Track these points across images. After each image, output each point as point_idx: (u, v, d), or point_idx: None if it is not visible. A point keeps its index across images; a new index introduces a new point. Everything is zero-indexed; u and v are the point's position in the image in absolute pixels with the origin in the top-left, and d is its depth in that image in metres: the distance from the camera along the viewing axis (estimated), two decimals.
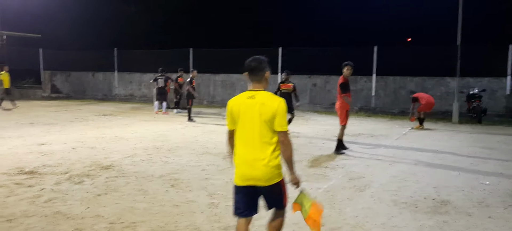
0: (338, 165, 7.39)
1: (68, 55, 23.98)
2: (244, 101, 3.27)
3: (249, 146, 3.25)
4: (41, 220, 4.51)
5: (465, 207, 5.19)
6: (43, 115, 14.70)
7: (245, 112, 3.25)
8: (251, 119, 3.22)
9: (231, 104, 3.34)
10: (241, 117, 3.27)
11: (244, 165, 3.26)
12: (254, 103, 3.22)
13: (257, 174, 3.22)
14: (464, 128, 12.72)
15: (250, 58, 3.41)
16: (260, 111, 3.19)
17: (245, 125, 3.26)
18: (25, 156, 7.73)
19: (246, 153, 3.26)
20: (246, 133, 3.26)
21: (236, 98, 3.35)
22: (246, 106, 3.25)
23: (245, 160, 3.26)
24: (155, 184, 5.98)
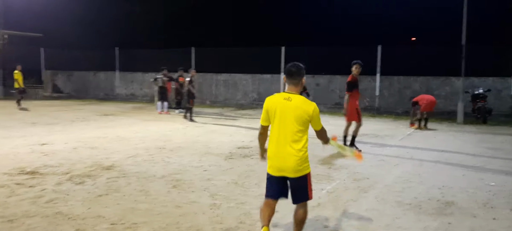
0: (342, 166, 7.33)
1: (70, 54, 24.01)
2: (281, 101, 3.67)
3: (283, 142, 3.65)
4: (42, 220, 4.47)
5: (470, 208, 5.12)
6: (45, 115, 14.69)
7: (281, 112, 3.65)
8: (285, 119, 3.64)
9: (269, 103, 3.74)
10: (277, 116, 3.67)
11: (278, 158, 3.68)
12: (290, 105, 3.63)
13: (289, 166, 3.65)
14: (469, 128, 12.64)
15: (290, 63, 3.79)
16: (295, 113, 3.61)
17: (280, 123, 3.66)
18: (27, 156, 7.70)
19: (280, 148, 3.67)
20: (281, 130, 3.67)
21: (273, 98, 3.75)
22: (282, 107, 3.65)
23: (279, 153, 3.67)
24: (157, 184, 5.93)
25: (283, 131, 3.65)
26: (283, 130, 3.65)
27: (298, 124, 3.62)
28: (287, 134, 3.64)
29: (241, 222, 4.51)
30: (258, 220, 4.57)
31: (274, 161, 3.72)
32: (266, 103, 3.76)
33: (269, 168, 3.79)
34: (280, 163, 3.69)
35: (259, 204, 5.07)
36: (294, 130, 3.63)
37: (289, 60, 16.43)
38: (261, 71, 19.26)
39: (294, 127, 3.62)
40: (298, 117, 3.61)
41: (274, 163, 3.73)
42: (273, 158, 3.73)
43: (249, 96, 19.63)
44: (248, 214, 4.76)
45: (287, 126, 3.63)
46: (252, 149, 8.72)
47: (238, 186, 5.91)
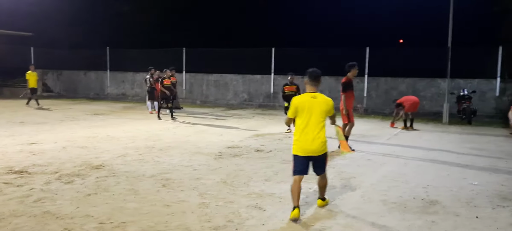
0: (329, 165, 7.36)
1: (60, 53, 23.81)
2: (309, 100, 4.75)
3: (311, 130, 4.70)
4: (30, 220, 4.48)
5: (454, 207, 5.25)
6: (34, 114, 14.58)
7: (309, 107, 4.72)
8: (313, 112, 4.72)
9: (299, 102, 4.78)
10: (305, 110, 4.72)
11: (306, 142, 4.71)
12: (316, 102, 4.75)
13: (314, 148, 4.72)
14: (454, 129, 12.84)
15: (311, 69, 4.86)
16: (320, 108, 4.75)
17: (309, 116, 4.71)
18: (15, 155, 7.68)
19: (308, 135, 4.71)
20: (309, 121, 4.71)
21: (301, 97, 4.84)
22: (310, 103, 4.73)
23: (307, 139, 4.71)
24: (146, 183, 5.96)
25: (310, 122, 4.70)
26: (310, 121, 4.70)
27: (322, 116, 4.75)
28: (313, 124, 4.70)
29: (229, 221, 4.57)
30: (246, 219, 4.64)
31: (303, 144, 4.72)
32: (295, 102, 4.79)
33: (297, 150, 4.76)
34: (308, 146, 4.71)
35: (247, 203, 5.16)
36: (319, 120, 4.73)
37: (279, 61, 16.49)
38: (251, 72, 19.32)
39: (320, 118, 4.73)
40: (323, 110, 4.75)
41: (303, 146, 4.72)
42: (302, 142, 4.72)
43: (240, 96, 19.69)
44: (236, 213, 4.82)
45: (314, 118, 4.71)
46: (241, 149, 8.78)
47: (227, 185, 5.97)
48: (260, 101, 19.13)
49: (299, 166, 4.79)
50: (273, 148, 8.93)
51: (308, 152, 4.73)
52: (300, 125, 4.75)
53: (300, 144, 4.75)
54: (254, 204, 5.14)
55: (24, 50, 23.57)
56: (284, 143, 9.62)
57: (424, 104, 16.04)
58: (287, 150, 8.74)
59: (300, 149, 4.75)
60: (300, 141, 4.75)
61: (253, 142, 9.68)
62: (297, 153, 4.78)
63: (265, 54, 18.83)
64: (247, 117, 15.26)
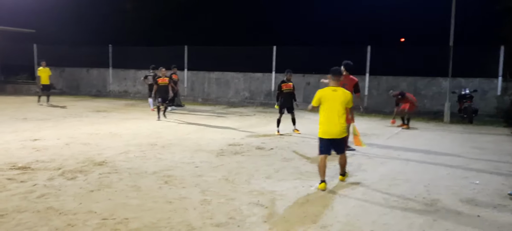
0: (331, 163, 7.43)
1: (62, 50, 23.80)
2: (331, 92, 5.80)
3: (332, 118, 5.77)
4: (33, 215, 4.51)
5: (455, 205, 5.27)
6: (37, 110, 14.63)
7: (331, 98, 5.76)
8: (334, 103, 5.77)
9: (323, 93, 5.83)
10: (327, 101, 5.77)
11: (329, 127, 5.79)
12: (337, 94, 5.78)
13: (336, 131, 5.81)
14: (455, 128, 12.84)
15: (333, 67, 5.95)
16: (340, 99, 5.77)
17: (330, 106, 5.76)
18: (18, 151, 7.72)
19: (331, 121, 5.78)
20: (331, 109, 5.77)
21: (325, 90, 5.85)
22: (331, 96, 5.77)
23: (330, 124, 5.78)
24: (148, 180, 6.00)
25: (332, 111, 5.76)
26: (332, 110, 5.76)
27: (342, 106, 5.76)
28: (335, 113, 5.75)
29: (231, 218, 4.60)
30: (248, 216, 4.67)
31: (327, 129, 5.82)
32: (320, 93, 5.84)
33: (322, 134, 5.85)
34: (331, 130, 5.79)
35: (248, 200, 5.20)
36: (339, 109, 5.76)
37: (280, 60, 16.46)
38: (252, 70, 19.33)
39: (340, 108, 5.76)
40: (342, 101, 5.76)
41: (327, 130, 5.82)
42: (326, 127, 5.82)
43: (241, 94, 19.70)
44: (238, 210, 4.85)
45: (335, 108, 5.75)
46: (242, 146, 8.81)
47: (228, 182, 6.00)
48: (261, 99, 19.15)
49: (323, 147, 5.86)
50: (274, 146, 8.95)
51: (330, 135, 5.80)
52: (324, 113, 5.82)
53: (324, 129, 5.82)
54: (256, 201, 5.18)
55: (27, 47, 23.62)
56: (285, 141, 9.65)
57: (425, 103, 16.05)
58: (288, 148, 8.77)
59: (324, 133, 5.83)
60: (324, 126, 5.81)
61: (254, 140, 9.71)
62: (322, 136, 5.86)
63: (267, 52, 18.84)
64: (248, 114, 15.29)
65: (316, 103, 5.88)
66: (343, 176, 6.25)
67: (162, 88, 13.19)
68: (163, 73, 13.36)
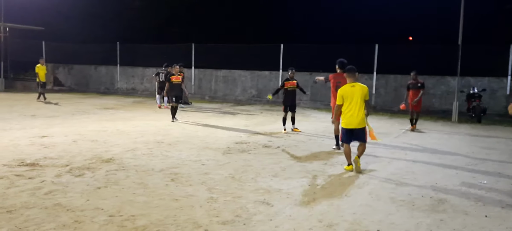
0: (337, 162, 7.43)
1: (71, 48, 24.02)
2: (350, 88, 6.66)
3: (353, 109, 6.61)
4: (41, 211, 4.55)
5: (462, 205, 5.22)
6: (45, 107, 14.76)
7: (351, 94, 6.62)
8: (354, 97, 6.61)
9: (344, 91, 6.66)
10: (348, 97, 6.62)
11: (350, 118, 6.64)
12: (355, 89, 6.65)
13: (356, 122, 6.65)
14: (463, 127, 12.73)
15: (349, 66, 6.90)
16: (359, 93, 6.62)
17: (352, 100, 6.61)
18: (27, 148, 7.79)
19: (352, 113, 6.62)
20: (351, 103, 6.61)
21: (345, 88, 6.70)
22: (351, 91, 6.64)
23: (351, 116, 6.63)
24: (155, 178, 6.02)
25: (352, 104, 6.60)
26: (352, 103, 6.60)
27: (361, 99, 6.60)
28: (355, 106, 6.60)
29: (237, 216, 4.60)
30: (254, 214, 4.68)
31: (348, 120, 6.66)
32: (341, 92, 6.67)
33: (345, 124, 6.72)
34: (352, 121, 6.63)
35: (255, 199, 5.20)
36: (358, 102, 6.59)
37: (287, 58, 16.41)
38: (260, 68, 19.33)
39: (359, 101, 6.60)
40: (361, 95, 6.61)
41: (348, 121, 6.66)
42: (349, 119, 6.64)
43: (248, 92, 19.71)
44: (244, 208, 4.85)
45: (355, 101, 6.59)
46: (249, 144, 8.81)
47: (235, 180, 6.01)
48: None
49: (345, 136, 6.81)
50: (281, 144, 8.95)
51: (351, 125, 6.65)
52: (346, 108, 6.64)
53: (346, 120, 6.68)
54: (262, 200, 5.18)
55: (36, 44, 23.83)
56: (292, 139, 9.63)
57: (433, 102, 15.94)
58: (295, 146, 8.76)
59: (346, 124, 6.70)
60: (347, 118, 6.67)
61: (261, 138, 9.71)
62: (345, 126, 6.74)
63: (274, 50, 18.82)
64: (255, 112, 15.29)
65: (341, 101, 6.68)
66: (358, 158, 6.77)
67: (176, 86, 12.65)
68: (177, 71, 12.87)
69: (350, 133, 6.72)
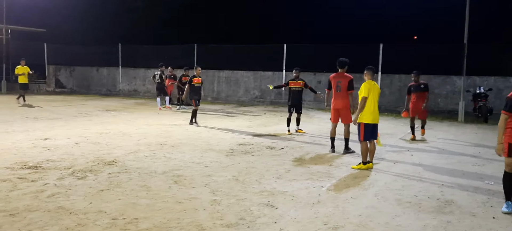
0: (342, 163, 7.36)
1: (73, 50, 24.03)
2: (373, 84, 7.00)
3: (376, 105, 6.95)
4: (44, 214, 4.51)
5: (470, 207, 5.15)
6: (47, 110, 14.74)
7: (373, 89, 6.95)
8: (375, 93, 6.97)
9: (368, 87, 6.90)
10: (371, 92, 6.90)
11: (376, 113, 6.97)
12: (376, 86, 7.05)
13: (378, 117, 7.04)
14: (469, 127, 12.63)
15: (369, 66, 7.21)
16: (378, 91, 7.06)
17: (374, 96, 6.94)
18: (29, 150, 7.75)
19: (376, 108, 6.95)
20: (374, 99, 6.94)
21: (369, 83, 6.96)
22: (373, 88, 6.97)
23: (375, 111, 6.94)
24: (158, 180, 5.97)
25: (375, 100, 6.94)
26: (375, 99, 6.94)
27: (378, 97, 7.01)
28: (376, 102, 6.97)
29: (241, 218, 4.54)
30: (258, 217, 4.61)
31: (375, 115, 6.94)
32: (367, 86, 6.90)
33: (372, 120, 6.90)
34: (377, 116, 6.98)
35: (259, 201, 5.14)
36: (377, 99, 6.99)
37: (290, 58, 16.28)
38: (263, 69, 19.27)
39: (377, 98, 6.99)
40: (378, 93, 7.07)
41: (375, 116, 6.95)
42: (375, 114, 6.93)
43: (251, 93, 19.65)
44: (248, 211, 4.79)
45: (376, 98, 6.96)
46: (253, 146, 8.75)
47: (238, 183, 5.94)
48: (271, 98, 19.07)
49: (369, 133, 6.90)
50: (285, 146, 8.88)
51: (376, 120, 6.98)
52: (371, 102, 6.89)
53: (373, 116, 6.91)
54: (266, 202, 5.11)
55: (38, 46, 23.87)
56: (296, 141, 9.56)
57: (439, 102, 15.84)
58: (299, 148, 8.69)
59: (374, 119, 6.91)
60: (373, 113, 6.89)
61: (265, 139, 9.64)
62: (370, 122, 6.89)
63: (277, 50, 18.76)
64: (258, 113, 15.23)
65: (367, 92, 6.87)
66: (371, 163, 6.98)
67: (197, 89, 12.10)
68: (198, 73, 12.26)
69: (373, 129, 6.91)
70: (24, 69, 16.78)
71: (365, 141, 6.90)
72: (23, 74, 16.76)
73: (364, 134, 6.90)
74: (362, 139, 6.92)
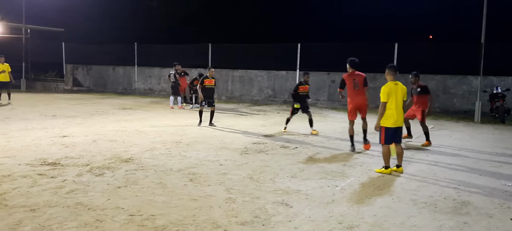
0: (356, 163, 7.34)
1: (90, 49, 24.40)
2: (394, 86, 6.62)
3: (399, 108, 6.57)
4: (63, 210, 4.61)
5: (486, 208, 5.09)
6: (65, 108, 15.01)
7: (395, 91, 6.58)
8: (398, 95, 6.58)
9: (389, 88, 6.58)
10: (393, 94, 6.55)
11: (399, 116, 6.58)
12: (398, 87, 6.64)
13: (401, 120, 6.66)
14: (486, 128, 12.44)
15: (391, 64, 6.94)
16: (402, 92, 6.65)
17: (397, 98, 6.56)
18: (48, 147, 7.92)
19: (398, 111, 6.57)
20: (397, 101, 6.56)
21: (389, 84, 6.63)
22: (395, 89, 6.60)
23: (399, 114, 6.58)
24: (174, 177, 6.05)
25: (398, 102, 6.56)
26: (398, 102, 6.56)
27: (403, 98, 6.64)
28: (399, 104, 6.58)
29: (256, 217, 4.58)
30: (273, 215, 4.64)
31: (397, 118, 6.56)
32: (387, 89, 6.56)
33: (394, 123, 6.56)
34: (400, 119, 6.60)
35: (273, 199, 5.16)
36: (402, 101, 6.62)
37: (304, 57, 16.21)
38: (276, 68, 19.26)
39: (402, 99, 6.62)
40: (403, 93, 6.66)
41: (397, 119, 6.57)
42: (397, 117, 6.56)
43: (264, 92, 19.67)
44: (263, 209, 4.82)
45: (400, 99, 6.59)
46: (267, 145, 8.78)
47: (253, 181, 5.98)
48: (285, 97, 19.05)
49: (390, 137, 6.60)
50: (299, 145, 8.89)
51: (399, 124, 6.62)
52: (393, 106, 6.53)
53: (395, 119, 6.54)
54: (281, 201, 5.14)
55: (56, 45, 24.31)
56: (310, 140, 9.56)
57: (455, 102, 15.63)
58: (313, 147, 8.69)
59: (395, 122, 6.56)
60: (395, 117, 6.53)
61: (278, 138, 9.67)
62: (392, 126, 6.56)
63: (291, 50, 18.72)
64: (272, 113, 15.24)
65: (386, 98, 6.55)
66: (400, 167, 6.70)
67: (210, 90, 11.80)
68: (210, 74, 11.91)
69: (395, 132, 6.60)
70: (5, 67, 16.38)
71: (386, 144, 6.60)
72: (4, 71, 16.33)
73: (385, 138, 6.58)
74: (383, 142, 6.62)
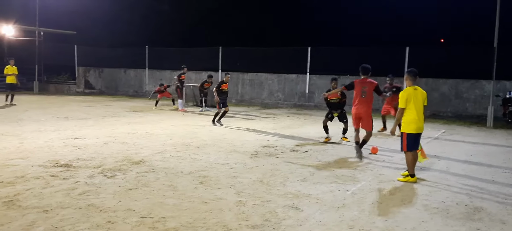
0: (367, 167, 7.29)
1: (101, 52, 24.68)
2: (413, 91, 6.45)
3: (420, 113, 6.40)
4: (75, 211, 4.66)
5: (500, 214, 5.02)
6: (77, 110, 15.17)
7: (415, 97, 6.41)
8: (418, 101, 6.41)
9: (407, 94, 6.43)
10: (412, 100, 6.39)
11: (420, 122, 6.42)
12: (418, 92, 6.46)
13: (422, 126, 6.50)
14: (499, 133, 12.29)
15: (410, 69, 6.71)
16: (422, 97, 6.46)
17: (417, 103, 6.39)
18: (60, 149, 8.01)
19: (420, 116, 6.40)
20: (417, 107, 6.39)
21: (408, 90, 6.47)
22: (414, 94, 6.43)
23: (420, 120, 6.41)
24: (184, 180, 6.07)
25: (418, 108, 6.38)
26: (418, 107, 6.38)
27: (423, 103, 6.45)
28: (419, 109, 6.39)
29: (266, 220, 4.57)
30: (283, 219, 4.63)
31: (419, 124, 6.41)
32: (405, 94, 6.42)
33: (416, 129, 6.40)
34: (421, 125, 6.45)
35: (284, 203, 5.16)
36: (422, 106, 6.43)
37: (314, 61, 16.15)
38: (287, 71, 19.27)
39: (421, 104, 6.43)
40: (423, 99, 6.47)
41: (419, 125, 6.43)
42: (419, 123, 6.40)
43: (274, 96, 19.68)
44: (273, 212, 4.82)
45: (419, 104, 6.40)
46: (277, 148, 8.77)
47: (263, 184, 5.98)
48: (295, 101, 19.04)
49: (414, 143, 6.44)
50: (309, 148, 8.87)
51: (421, 130, 6.47)
52: (413, 111, 6.38)
53: (417, 125, 6.39)
54: (291, 204, 5.13)
55: (68, 48, 24.62)
56: (320, 144, 9.53)
57: (467, 107, 15.47)
58: (323, 151, 8.66)
59: (418, 129, 6.41)
60: (416, 122, 6.38)
61: (289, 142, 9.65)
62: (414, 132, 6.40)
63: (301, 53, 18.72)
64: (282, 116, 15.23)
65: (404, 104, 6.43)
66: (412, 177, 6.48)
67: (225, 93, 12.47)
68: (227, 79, 12.61)
69: (417, 138, 6.43)
70: (14, 70, 16.60)
71: (409, 151, 6.39)
72: (13, 74, 16.54)
73: (407, 144, 6.38)
74: (406, 149, 6.41)
